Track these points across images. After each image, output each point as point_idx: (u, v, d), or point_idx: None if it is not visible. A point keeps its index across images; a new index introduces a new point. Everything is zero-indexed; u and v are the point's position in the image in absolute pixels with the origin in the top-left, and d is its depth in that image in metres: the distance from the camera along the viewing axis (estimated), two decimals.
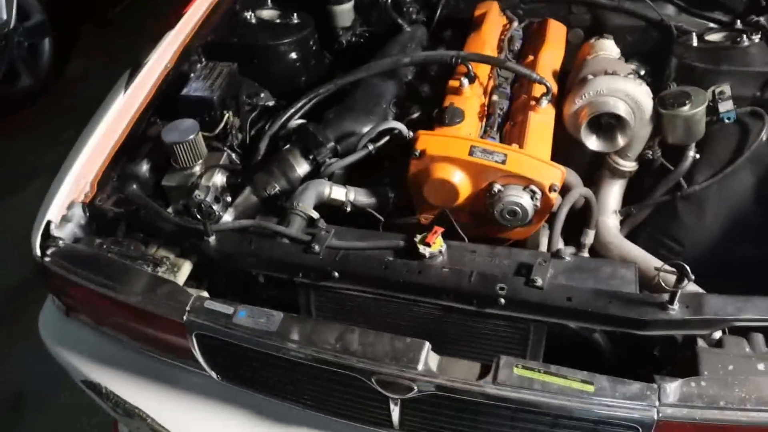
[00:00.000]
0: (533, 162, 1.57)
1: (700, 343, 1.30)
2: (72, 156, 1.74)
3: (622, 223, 1.85)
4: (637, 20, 2.13)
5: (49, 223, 1.61)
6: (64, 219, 1.65)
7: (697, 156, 1.76)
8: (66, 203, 1.66)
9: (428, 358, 1.27)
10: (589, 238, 1.70)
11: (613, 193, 1.85)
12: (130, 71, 1.91)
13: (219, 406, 1.56)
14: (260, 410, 1.54)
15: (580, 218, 1.70)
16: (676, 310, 1.27)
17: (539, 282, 1.34)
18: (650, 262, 1.65)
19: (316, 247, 1.45)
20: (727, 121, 1.71)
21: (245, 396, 1.52)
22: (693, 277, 1.21)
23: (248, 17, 2.15)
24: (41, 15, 3.92)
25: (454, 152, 1.56)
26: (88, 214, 1.68)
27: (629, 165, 1.81)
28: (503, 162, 1.54)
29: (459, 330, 1.41)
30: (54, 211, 1.64)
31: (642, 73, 2.04)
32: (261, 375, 1.46)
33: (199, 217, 1.55)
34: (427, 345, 1.28)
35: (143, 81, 1.90)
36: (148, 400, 1.59)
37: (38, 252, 1.57)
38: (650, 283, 1.42)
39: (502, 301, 1.33)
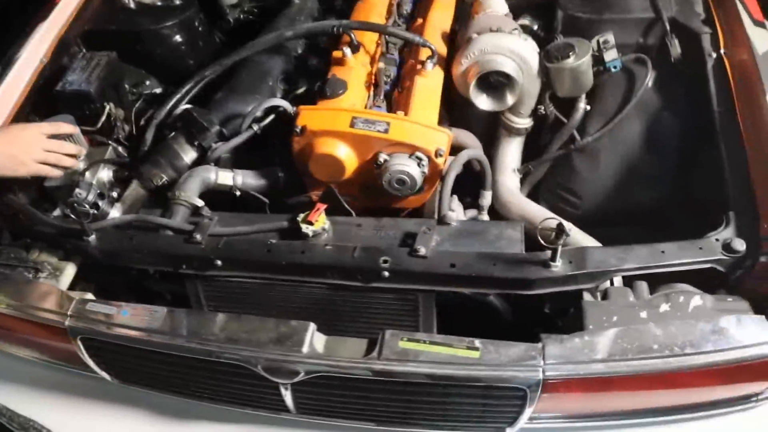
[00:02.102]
0: (417, 128, 1.54)
1: (586, 296, 1.30)
2: None
3: (522, 181, 1.84)
4: None
5: None
6: None
7: (588, 107, 1.75)
8: None
9: (313, 340, 1.25)
10: (486, 199, 1.69)
11: (511, 151, 1.84)
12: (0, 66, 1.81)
13: (117, 408, 1.52)
14: (160, 408, 1.51)
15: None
16: (558, 266, 1.27)
17: (422, 251, 1.32)
18: (544, 215, 1.65)
19: (198, 236, 1.41)
20: (613, 70, 1.70)
21: (143, 395, 1.49)
22: (569, 233, 1.21)
23: (126, 2, 2.05)
24: None
25: (335, 125, 1.52)
26: None
27: (523, 122, 1.80)
28: (386, 131, 1.51)
29: (349, 307, 1.39)
30: None
31: (535, 27, 2.03)
32: (153, 372, 1.42)
33: (75, 216, 1.48)
34: (312, 326, 1.26)
35: (16, 78, 1.81)
36: (44, 410, 1.54)
37: None
38: (546, 240, 1.42)
39: (386, 273, 1.31)
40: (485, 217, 1.70)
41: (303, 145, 1.55)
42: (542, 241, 1.30)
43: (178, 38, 2.03)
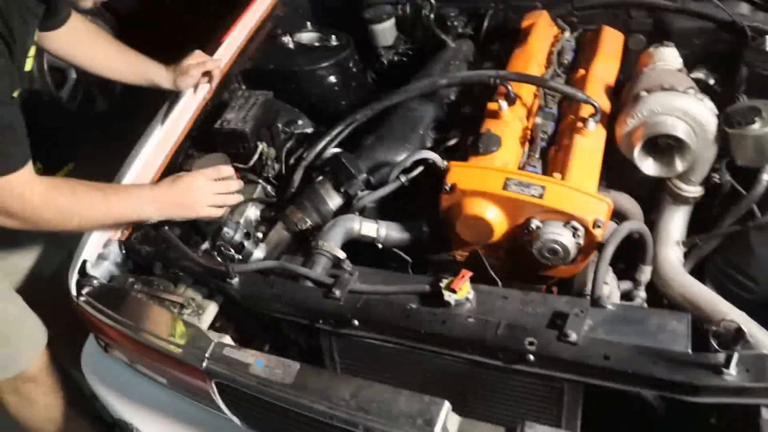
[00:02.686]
0: (575, 195, 1.43)
1: (765, 414, 1.13)
2: None
3: (686, 255, 1.66)
4: (705, 22, 1.93)
5: (84, 262, 1.62)
6: (101, 257, 1.65)
7: None
8: (103, 240, 1.66)
9: (447, 420, 1.18)
10: (645, 275, 1.54)
11: (676, 221, 1.67)
12: (168, 103, 1.90)
13: None
14: None
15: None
16: (733, 375, 1.11)
17: (573, 337, 1.20)
18: (717, 304, 1.47)
19: (337, 292, 1.37)
20: None
21: None
22: (750, 340, 1.05)
23: (286, 42, 2.10)
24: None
25: (487, 186, 1.44)
26: (124, 251, 1.68)
27: (693, 190, 1.63)
28: (541, 196, 1.41)
29: (487, 387, 1.30)
30: (91, 249, 1.65)
31: (711, 82, 1.85)
32: (283, 424, 1.40)
33: (220, 258, 1.51)
34: (447, 406, 1.19)
35: (181, 113, 1.89)
36: None
37: (74, 292, 1.59)
38: (713, 331, 1.26)
39: (531, 357, 1.21)
40: (642, 293, 1.55)
41: (451, 203, 1.48)
42: (713, 340, 1.15)
43: (332, 79, 2.04)
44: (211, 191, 1.63)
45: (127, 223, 1.63)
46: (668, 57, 1.75)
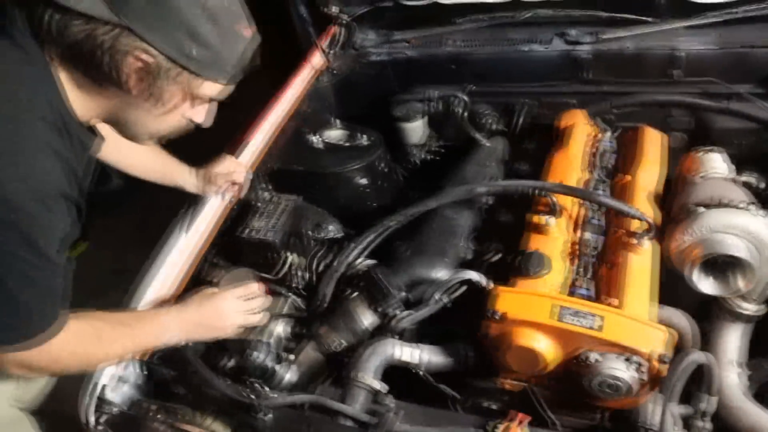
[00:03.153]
0: (636, 327, 1.32)
1: None
2: (132, 298, 1.65)
3: (749, 377, 1.55)
4: (748, 122, 1.86)
5: (104, 387, 1.51)
6: (121, 380, 1.54)
7: None
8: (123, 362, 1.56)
9: None
10: (711, 406, 1.42)
11: (734, 341, 1.56)
12: (192, 208, 1.82)
13: None
14: None
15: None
16: None
17: None
18: None
19: None
20: None
21: None
22: None
23: (314, 141, 2.03)
24: None
25: (539, 316, 1.34)
26: (145, 372, 1.57)
27: (755, 309, 1.53)
28: (600, 328, 1.31)
29: None
30: (110, 370, 1.54)
31: (763, 186, 1.77)
32: None
33: (248, 388, 1.40)
34: None
35: (205, 218, 1.81)
36: None
37: (91, 418, 1.47)
38: None
39: None
40: (708, 425, 1.42)
41: (499, 331, 1.38)
42: None
43: (363, 180, 1.97)
44: (241, 310, 1.53)
45: (153, 349, 1.53)
46: (717, 163, 1.67)
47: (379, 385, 1.40)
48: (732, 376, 1.52)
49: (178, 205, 1.85)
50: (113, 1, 1.05)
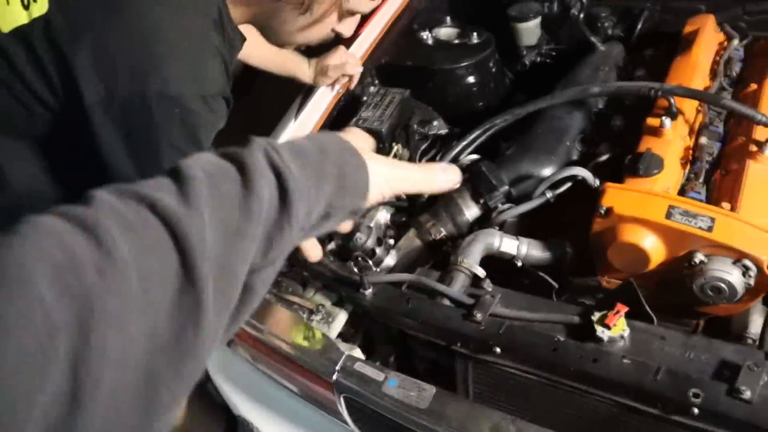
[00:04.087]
0: (749, 230, 1.28)
1: None
2: None
3: None
4: None
5: None
6: None
7: None
8: None
9: None
10: None
11: None
12: (301, 97, 1.88)
13: None
14: None
15: None
16: None
17: (747, 394, 1.08)
18: None
19: (479, 315, 1.30)
20: None
21: None
22: None
23: (425, 37, 2.02)
24: None
25: (648, 213, 1.32)
26: None
27: None
28: (710, 229, 1.28)
29: None
30: None
31: None
32: None
33: (356, 268, 1.47)
34: None
35: (314, 107, 1.87)
36: None
37: None
38: None
39: (696, 410, 1.10)
40: None
41: (605, 227, 1.37)
42: None
43: (471, 79, 1.95)
44: None
45: None
46: None
47: (480, 271, 1.43)
48: None
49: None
50: None
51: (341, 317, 1.49)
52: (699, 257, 1.29)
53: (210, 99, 1.16)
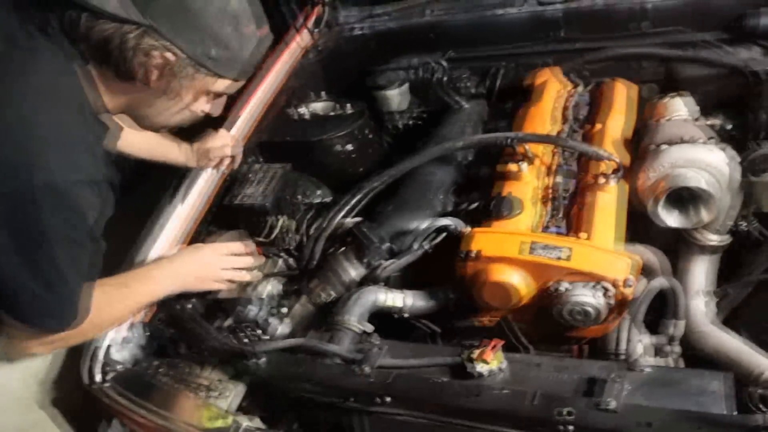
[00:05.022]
0: (602, 255, 1.41)
1: None
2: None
3: (718, 304, 1.62)
4: (717, 68, 1.93)
5: (109, 347, 1.60)
6: (125, 341, 1.64)
7: None
8: (126, 324, 1.65)
9: None
10: (678, 329, 1.49)
11: (701, 271, 1.63)
12: (187, 180, 1.90)
13: None
14: None
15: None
16: None
17: (612, 404, 1.16)
18: (754, 356, 1.43)
19: (366, 369, 1.35)
20: None
21: None
22: None
23: (302, 113, 2.12)
24: None
25: (512, 251, 1.43)
26: (148, 333, 1.67)
27: (719, 239, 1.60)
28: (568, 258, 1.40)
29: None
30: (113, 333, 1.63)
31: (729, 127, 1.84)
32: None
33: (245, 338, 1.50)
34: None
35: (200, 189, 1.90)
36: None
37: (97, 376, 1.56)
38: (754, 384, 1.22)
39: (571, 428, 1.17)
40: (677, 348, 1.50)
41: (476, 270, 1.47)
42: (751, 402, 1.11)
43: (349, 147, 2.06)
44: (220, 266, 1.63)
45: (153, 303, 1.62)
46: (683, 108, 1.74)
47: (367, 326, 1.49)
48: (699, 304, 1.60)
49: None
50: (140, 3, 1.13)
51: (238, 390, 1.50)
52: (564, 286, 1.40)
53: (94, 184, 1.20)
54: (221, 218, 1.91)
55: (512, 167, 1.65)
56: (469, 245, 1.48)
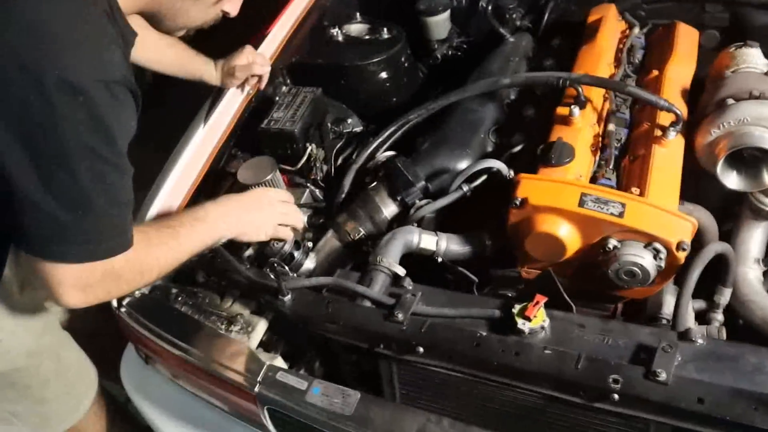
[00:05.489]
0: (657, 214, 1.31)
1: None
2: (151, 195, 1.65)
3: (765, 274, 1.55)
4: None
5: None
6: None
7: None
8: None
9: None
10: (725, 297, 1.42)
11: (756, 238, 1.54)
12: (210, 100, 1.80)
13: None
14: None
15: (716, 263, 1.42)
16: None
17: (663, 376, 1.10)
18: None
19: (400, 315, 1.28)
20: None
21: None
22: None
23: (335, 34, 1.98)
24: None
25: (561, 202, 1.33)
26: None
27: None
28: (620, 215, 1.30)
29: (560, 424, 1.20)
30: None
31: None
32: None
33: (272, 275, 1.42)
34: None
35: (224, 110, 1.80)
36: None
37: (113, 301, 1.50)
38: None
39: (616, 396, 1.11)
40: (720, 316, 1.43)
41: (521, 218, 1.38)
42: None
43: (384, 74, 1.93)
44: (280, 210, 1.49)
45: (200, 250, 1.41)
46: (753, 59, 1.61)
47: (400, 270, 1.41)
48: (749, 271, 1.52)
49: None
50: None
51: (261, 326, 1.44)
52: (612, 243, 1.31)
53: (113, 85, 1.07)
54: (245, 142, 1.81)
55: (563, 110, 1.54)
56: (514, 192, 1.38)
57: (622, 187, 1.44)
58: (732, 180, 1.44)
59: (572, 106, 1.51)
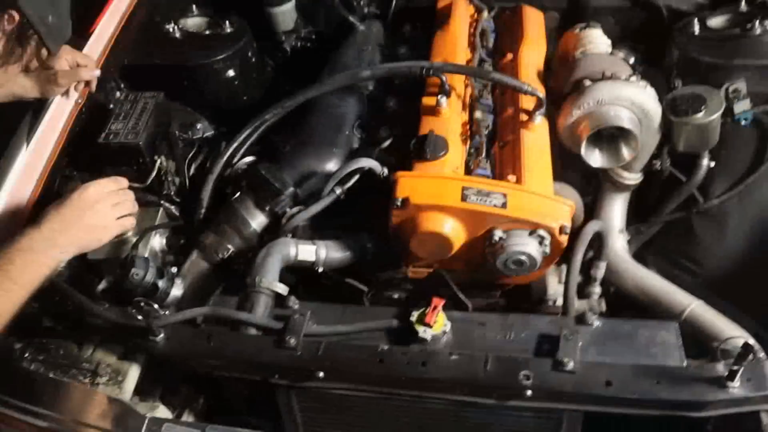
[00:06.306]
0: (537, 201, 1.32)
1: (765, 419, 1.09)
2: None
3: (629, 242, 1.63)
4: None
5: None
6: None
7: (712, 164, 1.54)
8: None
9: None
10: (600, 270, 1.46)
11: (617, 209, 1.62)
12: (30, 116, 1.54)
13: None
14: None
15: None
16: (737, 387, 1.06)
17: (570, 365, 1.10)
18: (673, 294, 1.45)
19: (292, 340, 1.17)
20: (743, 122, 1.50)
21: None
22: (763, 355, 1.00)
23: (171, 30, 1.79)
24: None
25: (444, 199, 1.29)
26: None
27: (634, 177, 1.58)
28: (503, 205, 1.29)
29: (476, 426, 1.17)
30: None
31: (631, 61, 1.81)
32: None
33: (138, 314, 1.24)
34: None
35: (49, 126, 1.54)
36: None
37: None
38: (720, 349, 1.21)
39: (529, 392, 1.10)
40: (597, 289, 1.47)
41: (404, 218, 1.32)
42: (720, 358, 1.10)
43: (231, 72, 1.77)
44: (111, 201, 1.29)
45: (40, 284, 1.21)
46: (597, 39, 1.67)
47: (282, 288, 1.29)
48: (616, 242, 1.59)
49: None
50: None
51: (132, 372, 1.26)
52: (498, 234, 1.29)
53: None
54: (80, 160, 1.58)
55: (430, 101, 1.50)
56: (394, 192, 1.31)
57: (498, 176, 1.43)
58: (595, 158, 1.48)
59: (439, 96, 1.47)
